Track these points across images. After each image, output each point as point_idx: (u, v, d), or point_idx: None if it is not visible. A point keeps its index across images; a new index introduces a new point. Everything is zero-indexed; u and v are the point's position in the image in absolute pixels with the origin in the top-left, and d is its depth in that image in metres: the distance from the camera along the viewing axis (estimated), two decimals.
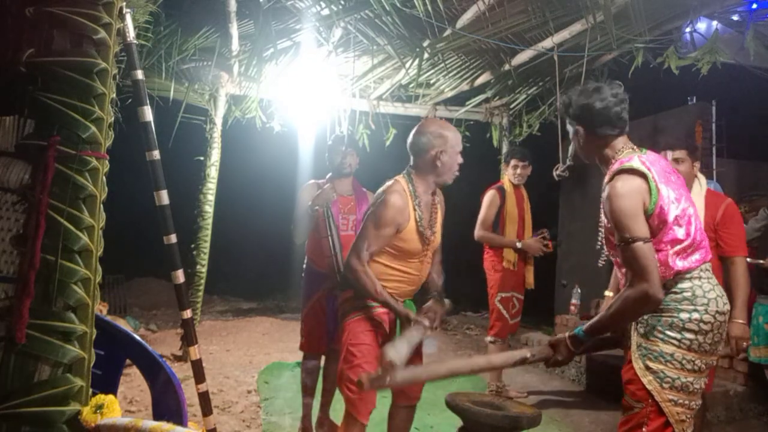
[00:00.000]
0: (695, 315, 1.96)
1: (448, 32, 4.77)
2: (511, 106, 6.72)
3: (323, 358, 3.58)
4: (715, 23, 4.43)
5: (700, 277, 2.01)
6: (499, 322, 4.43)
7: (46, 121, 1.96)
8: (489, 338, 4.48)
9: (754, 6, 4.07)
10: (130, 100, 2.61)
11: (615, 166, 2.05)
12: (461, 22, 4.62)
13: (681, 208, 2.02)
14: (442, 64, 5.69)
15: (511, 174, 4.57)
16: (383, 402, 2.71)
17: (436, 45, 4.97)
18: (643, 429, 1.98)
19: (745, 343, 3.08)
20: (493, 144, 7.00)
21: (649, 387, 1.97)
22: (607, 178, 2.07)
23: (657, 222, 1.98)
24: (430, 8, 4.29)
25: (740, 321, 3.03)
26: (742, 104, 6.36)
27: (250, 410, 3.98)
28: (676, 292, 1.99)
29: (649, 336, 2.00)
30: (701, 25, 4.49)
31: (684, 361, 1.96)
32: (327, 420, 3.52)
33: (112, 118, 2.11)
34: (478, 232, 4.45)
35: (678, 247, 1.99)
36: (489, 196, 4.48)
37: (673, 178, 2.09)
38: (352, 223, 3.50)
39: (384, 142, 6.65)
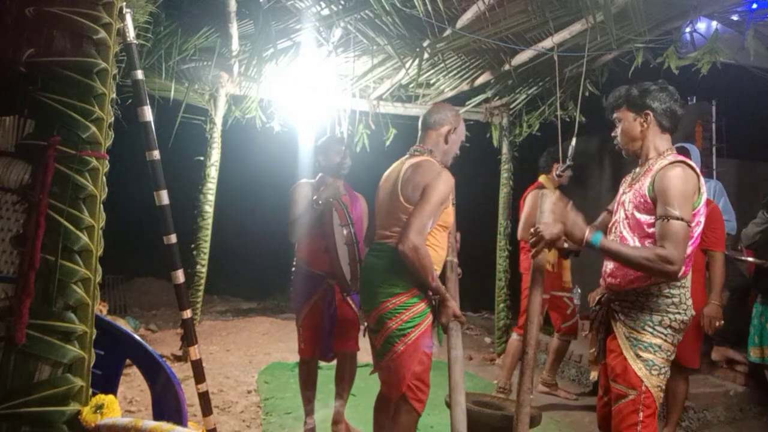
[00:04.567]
0: (679, 317, 2.22)
1: (448, 32, 4.77)
2: (511, 106, 6.71)
3: (322, 359, 3.56)
4: (715, 23, 4.42)
5: (684, 286, 2.25)
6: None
7: (46, 121, 1.95)
8: (514, 335, 4.51)
9: (754, 6, 4.06)
10: (130, 100, 2.61)
11: (670, 158, 2.22)
12: (461, 22, 4.61)
13: (699, 219, 2.21)
14: (442, 64, 5.68)
15: (557, 178, 4.61)
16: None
17: (436, 45, 4.96)
18: (639, 415, 2.15)
19: (717, 323, 3.43)
20: (493, 144, 6.99)
21: (639, 373, 2.18)
22: (658, 166, 2.21)
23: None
24: (430, 8, 4.29)
25: (716, 303, 3.40)
26: (742, 104, 6.35)
27: (250, 410, 3.98)
28: (667, 296, 2.24)
29: (638, 329, 2.22)
30: (701, 25, 4.48)
31: (668, 353, 2.22)
32: (344, 422, 3.48)
33: (112, 118, 2.11)
34: (521, 233, 4.40)
35: (689, 251, 2.18)
36: (533, 197, 4.41)
37: None
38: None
39: (384, 142, 6.64)
